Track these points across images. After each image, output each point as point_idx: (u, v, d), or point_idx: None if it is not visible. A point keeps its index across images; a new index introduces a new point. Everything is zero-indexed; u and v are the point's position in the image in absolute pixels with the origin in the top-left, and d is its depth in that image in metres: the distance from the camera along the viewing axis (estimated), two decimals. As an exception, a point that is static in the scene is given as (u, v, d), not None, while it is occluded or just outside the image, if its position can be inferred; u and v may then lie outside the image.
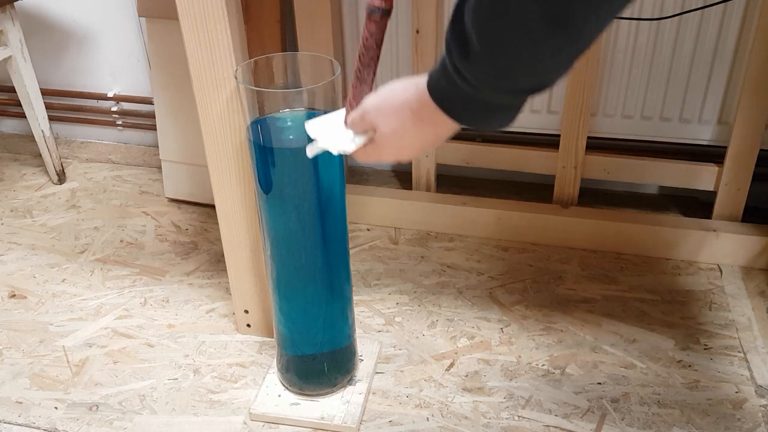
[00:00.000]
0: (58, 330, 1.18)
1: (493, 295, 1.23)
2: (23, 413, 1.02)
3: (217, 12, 0.85)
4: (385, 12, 0.65)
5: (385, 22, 0.66)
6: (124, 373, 1.09)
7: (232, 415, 1.01)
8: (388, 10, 0.65)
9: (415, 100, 0.60)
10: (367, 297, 1.23)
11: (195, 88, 0.92)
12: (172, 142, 1.47)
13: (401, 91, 0.62)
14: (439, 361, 1.09)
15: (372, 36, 0.66)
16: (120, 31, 1.63)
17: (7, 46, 1.46)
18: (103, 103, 1.73)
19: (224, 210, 1.02)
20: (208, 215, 1.48)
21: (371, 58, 0.67)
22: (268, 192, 0.87)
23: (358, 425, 0.98)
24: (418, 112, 0.61)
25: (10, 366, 1.11)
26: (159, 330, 1.17)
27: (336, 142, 0.71)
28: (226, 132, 0.94)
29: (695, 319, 1.16)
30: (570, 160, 1.35)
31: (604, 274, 1.27)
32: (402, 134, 0.64)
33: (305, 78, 0.89)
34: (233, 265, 1.08)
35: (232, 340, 1.15)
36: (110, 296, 1.25)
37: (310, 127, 0.75)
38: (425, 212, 1.40)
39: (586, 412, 1.00)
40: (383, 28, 0.66)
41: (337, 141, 0.71)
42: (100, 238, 1.42)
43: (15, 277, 1.31)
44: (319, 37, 1.32)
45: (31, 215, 1.50)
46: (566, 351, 1.10)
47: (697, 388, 1.03)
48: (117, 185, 1.61)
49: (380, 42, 0.67)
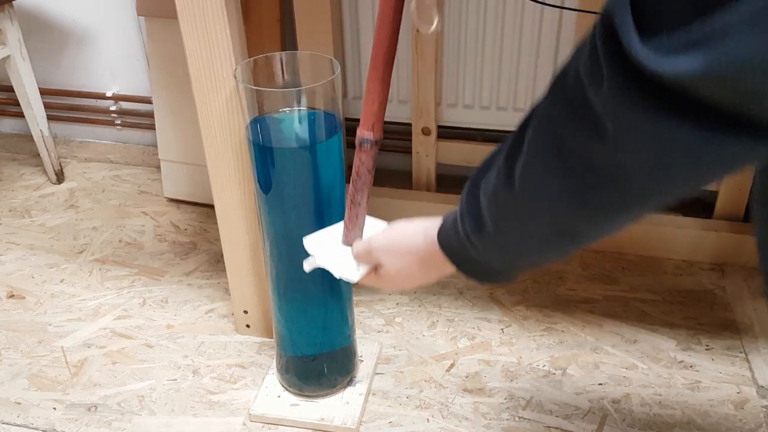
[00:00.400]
0: (56, 330, 1.17)
1: (493, 296, 1.22)
2: (22, 414, 1.02)
3: (217, 11, 0.85)
4: (374, 143, 0.69)
5: (375, 150, 0.69)
6: (123, 374, 1.08)
7: (232, 416, 1.00)
8: (378, 141, 0.69)
9: (423, 248, 0.64)
10: (367, 297, 1.23)
11: (194, 87, 0.92)
12: (171, 142, 1.47)
13: (410, 236, 0.66)
14: (439, 361, 1.09)
15: (364, 164, 0.70)
16: (119, 30, 1.62)
17: (6, 45, 1.45)
18: (102, 103, 1.73)
19: (223, 210, 1.02)
20: (207, 215, 1.47)
21: (364, 183, 0.71)
22: (268, 192, 0.87)
23: (358, 426, 0.97)
24: (426, 259, 0.65)
25: (8, 366, 1.10)
26: (158, 330, 1.17)
27: (339, 268, 0.73)
28: (226, 131, 0.94)
29: (696, 320, 1.16)
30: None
31: (605, 274, 1.27)
32: (407, 275, 0.68)
33: (305, 77, 0.89)
34: (232, 265, 1.07)
35: (232, 341, 1.14)
36: (109, 296, 1.25)
37: (309, 244, 0.77)
38: (425, 212, 1.39)
39: (587, 413, 0.99)
40: (374, 156, 0.70)
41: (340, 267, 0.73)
42: (99, 238, 1.42)
43: (14, 277, 1.31)
44: (318, 37, 1.31)
45: (29, 215, 1.50)
46: (567, 351, 1.10)
47: (698, 388, 1.03)
48: (116, 185, 1.61)
49: (372, 168, 0.71)
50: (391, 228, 0.68)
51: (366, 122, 0.68)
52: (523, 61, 1.33)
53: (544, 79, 1.34)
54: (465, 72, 1.37)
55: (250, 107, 0.84)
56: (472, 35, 1.33)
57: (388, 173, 1.60)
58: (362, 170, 0.70)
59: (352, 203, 0.73)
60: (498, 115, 1.40)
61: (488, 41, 1.33)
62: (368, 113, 0.67)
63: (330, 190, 0.87)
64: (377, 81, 0.66)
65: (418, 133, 1.41)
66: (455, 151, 1.44)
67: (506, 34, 1.32)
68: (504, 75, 1.35)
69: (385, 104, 0.67)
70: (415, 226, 0.66)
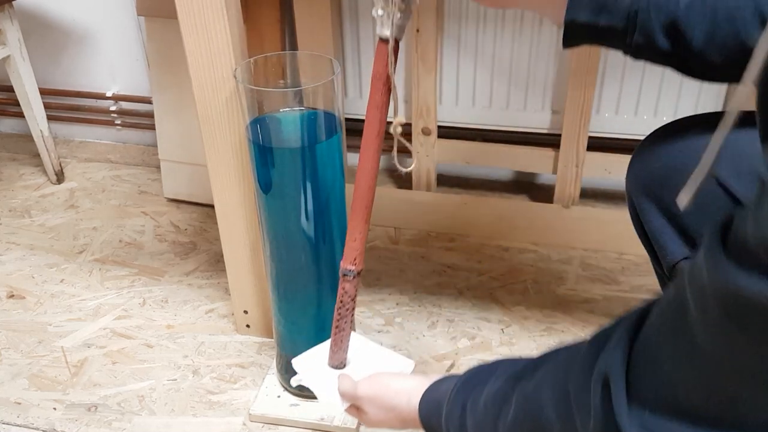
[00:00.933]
0: (56, 330, 1.17)
1: (493, 296, 1.22)
2: (22, 414, 1.02)
3: (217, 11, 0.85)
4: (357, 274, 0.73)
5: (358, 281, 0.73)
6: (123, 374, 1.08)
7: (232, 416, 1.00)
8: (360, 272, 0.73)
9: (405, 411, 0.67)
10: (367, 297, 1.22)
11: (194, 87, 0.92)
12: (171, 142, 1.47)
13: (394, 394, 0.68)
14: (439, 361, 1.09)
15: (347, 293, 0.74)
16: (119, 30, 1.62)
17: (6, 45, 1.45)
18: (101, 103, 1.73)
19: (223, 210, 1.02)
20: (207, 215, 1.47)
21: (348, 310, 0.75)
22: (268, 192, 0.87)
23: (358, 426, 0.97)
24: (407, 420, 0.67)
25: (8, 366, 1.10)
26: (158, 330, 1.17)
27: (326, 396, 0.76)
28: (226, 131, 0.94)
29: (696, 320, 1.16)
30: (571, 159, 1.35)
31: (605, 274, 1.27)
32: (388, 425, 0.71)
33: (305, 77, 0.89)
34: (232, 265, 1.07)
35: (232, 341, 1.14)
36: (109, 296, 1.25)
37: (297, 364, 0.79)
38: (425, 212, 1.40)
39: (587, 413, 0.99)
40: (357, 286, 0.74)
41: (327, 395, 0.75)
42: (99, 238, 1.42)
43: (13, 277, 1.30)
44: (318, 37, 1.31)
45: (29, 215, 1.50)
46: (567, 351, 1.10)
47: (698, 388, 1.03)
48: (116, 185, 1.61)
49: (355, 297, 0.74)
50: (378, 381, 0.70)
51: (349, 256, 0.72)
52: (523, 61, 1.33)
53: (543, 79, 1.34)
54: (465, 72, 1.37)
55: (250, 107, 0.84)
56: (472, 35, 1.33)
57: (389, 173, 1.60)
58: (346, 299, 0.74)
59: (336, 328, 0.76)
60: (498, 115, 1.40)
61: (488, 41, 1.33)
62: (351, 248, 0.72)
63: (330, 190, 0.87)
64: (359, 221, 0.71)
65: (418, 133, 1.40)
66: (455, 151, 1.44)
67: (506, 34, 1.32)
68: (504, 75, 1.35)
69: (366, 238, 0.72)
70: (400, 386, 0.68)
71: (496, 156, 1.43)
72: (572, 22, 0.61)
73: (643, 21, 0.59)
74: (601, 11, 0.60)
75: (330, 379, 0.76)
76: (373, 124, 0.68)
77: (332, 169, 0.86)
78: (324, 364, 0.79)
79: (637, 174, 0.69)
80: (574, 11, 0.61)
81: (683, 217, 0.63)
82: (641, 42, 0.60)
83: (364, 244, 0.73)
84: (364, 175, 0.69)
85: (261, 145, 0.84)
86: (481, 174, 1.56)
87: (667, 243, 0.64)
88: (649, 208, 0.65)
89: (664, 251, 0.64)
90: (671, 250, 0.64)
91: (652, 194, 0.66)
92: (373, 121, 0.68)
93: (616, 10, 0.60)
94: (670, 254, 0.64)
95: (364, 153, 0.69)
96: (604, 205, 1.46)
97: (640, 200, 0.67)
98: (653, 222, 0.65)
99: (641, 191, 0.68)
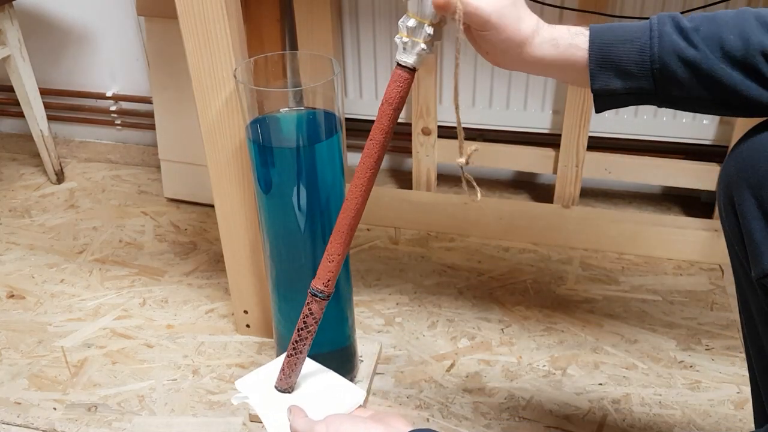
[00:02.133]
0: (56, 330, 1.17)
1: (493, 296, 1.22)
2: (22, 414, 1.02)
3: (217, 11, 0.85)
4: (327, 296, 0.72)
5: (325, 303, 0.73)
6: (123, 374, 1.08)
7: (231, 416, 1.00)
8: (329, 295, 0.73)
9: None
10: (367, 297, 1.22)
11: (194, 87, 0.92)
12: (171, 142, 1.47)
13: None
14: (439, 361, 1.09)
15: (313, 315, 0.73)
16: (119, 30, 1.62)
17: (6, 45, 1.45)
18: (101, 103, 1.73)
19: (223, 210, 1.02)
20: (207, 215, 1.47)
21: (309, 333, 0.75)
22: (268, 192, 0.87)
23: (358, 426, 0.97)
24: None
25: (8, 366, 1.10)
26: (158, 330, 1.17)
27: (271, 423, 0.73)
28: (226, 131, 0.94)
29: (696, 320, 1.16)
30: (571, 159, 1.35)
31: (605, 274, 1.27)
32: None
33: (305, 77, 0.89)
34: (232, 265, 1.07)
35: (232, 341, 1.14)
36: (109, 296, 1.25)
37: (242, 385, 0.77)
38: (425, 212, 1.40)
39: (587, 413, 0.99)
40: (323, 308, 0.73)
41: (272, 421, 0.73)
42: (99, 238, 1.42)
43: (13, 277, 1.31)
44: (318, 37, 1.31)
45: (29, 215, 1.50)
46: (567, 351, 1.10)
47: (698, 388, 1.03)
48: (116, 185, 1.61)
49: (319, 320, 0.74)
50: (337, 420, 0.65)
51: (322, 276, 0.72)
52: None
53: (543, 79, 1.34)
54: (465, 72, 1.37)
55: (250, 107, 0.84)
56: (472, 35, 1.33)
57: (388, 173, 1.60)
58: (310, 320, 0.74)
59: (294, 350, 0.75)
60: (498, 115, 1.40)
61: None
62: (325, 269, 0.71)
63: (330, 190, 0.87)
64: (340, 243, 0.70)
65: (418, 133, 1.41)
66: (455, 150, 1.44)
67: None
68: (504, 75, 1.35)
69: (342, 262, 0.72)
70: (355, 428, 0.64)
71: (496, 156, 1.43)
72: (600, 90, 0.61)
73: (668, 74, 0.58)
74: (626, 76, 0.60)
75: (277, 403, 0.74)
76: (373, 148, 0.67)
77: (332, 169, 0.86)
78: (271, 387, 0.76)
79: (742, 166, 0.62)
80: (599, 80, 0.61)
81: None
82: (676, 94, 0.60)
83: (339, 269, 0.72)
84: (356, 198, 0.68)
85: (261, 145, 0.84)
86: (482, 174, 1.56)
87: (764, 249, 0.58)
88: (751, 206, 0.61)
89: (759, 257, 0.58)
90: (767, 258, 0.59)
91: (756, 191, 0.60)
92: (375, 147, 0.67)
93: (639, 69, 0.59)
94: (766, 262, 0.59)
95: (360, 176, 0.68)
96: (604, 205, 1.46)
97: (742, 194, 0.60)
98: (752, 223, 0.59)
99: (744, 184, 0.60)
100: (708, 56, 0.57)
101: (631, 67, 0.59)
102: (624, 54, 0.59)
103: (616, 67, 0.60)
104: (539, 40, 0.62)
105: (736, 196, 0.60)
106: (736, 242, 0.63)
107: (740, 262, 0.65)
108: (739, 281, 0.69)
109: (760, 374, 0.69)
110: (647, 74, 0.59)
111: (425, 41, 0.62)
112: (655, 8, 1.23)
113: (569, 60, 0.62)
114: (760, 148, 0.59)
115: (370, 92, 1.45)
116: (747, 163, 0.60)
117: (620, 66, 0.60)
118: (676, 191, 1.47)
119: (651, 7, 1.23)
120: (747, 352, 0.71)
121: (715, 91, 0.58)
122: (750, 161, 0.59)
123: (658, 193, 1.49)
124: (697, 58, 0.57)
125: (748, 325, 0.69)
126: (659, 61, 0.58)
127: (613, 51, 0.60)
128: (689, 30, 0.58)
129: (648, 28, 0.59)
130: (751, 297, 0.65)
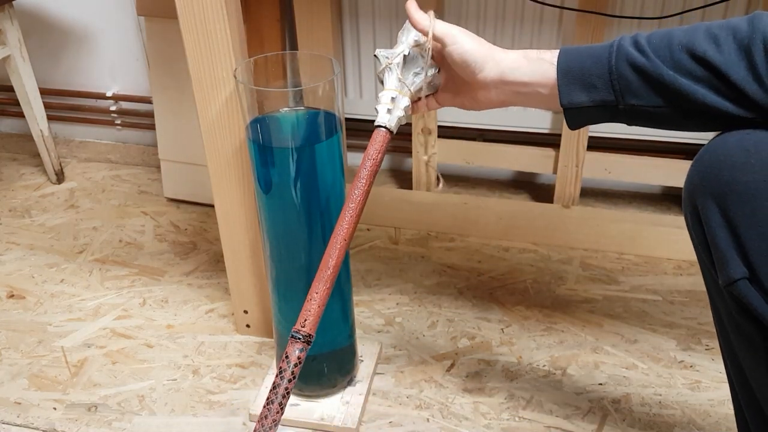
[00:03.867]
0: (56, 330, 1.17)
1: (493, 296, 1.22)
2: (22, 414, 1.02)
3: (217, 11, 0.85)
4: (307, 339, 0.71)
5: (305, 349, 0.72)
6: (123, 374, 1.08)
7: (232, 416, 1.00)
8: (310, 340, 0.72)
9: None
10: (367, 297, 1.22)
11: (194, 87, 0.92)
12: (171, 142, 1.47)
13: None
14: (439, 361, 1.09)
15: (288, 358, 0.71)
16: (119, 30, 1.62)
17: (6, 45, 1.45)
18: (101, 103, 1.73)
19: (223, 210, 1.02)
20: (207, 215, 1.47)
21: (290, 381, 0.72)
22: (268, 192, 0.87)
23: (358, 426, 0.97)
24: None
25: (8, 366, 1.10)
26: (158, 330, 1.17)
27: None
28: (226, 131, 0.94)
29: (697, 320, 1.16)
30: (571, 159, 1.35)
31: (606, 274, 1.27)
32: None
33: (305, 77, 0.89)
34: (232, 265, 1.07)
35: (232, 341, 1.14)
36: (109, 296, 1.25)
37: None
38: (425, 212, 1.40)
39: (587, 413, 0.99)
40: (303, 357, 0.72)
41: None
42: (99, 238, 1.42)
43: (13, 277, 1.31)
44: (318, 37, 1.31)
45: (29, 215, 1.50)
46: (567, 351, 1.10)
47: (698, 388, 1.03)
48: (116, 185, 1.61)
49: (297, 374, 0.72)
50: None
51: (301, 316, 0.71)
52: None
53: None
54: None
55: (250, 107, 0.84)
56: (472, 35, 1.33)
57: (388, 173, 1.60)
58: (284, 365, 0.71)
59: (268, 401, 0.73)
60: (498, 115, 1.40)
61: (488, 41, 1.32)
62: (305, 308, 0.71)
63: (330, 190, 0.87)
64: (323, 282, 0.71)
65: (418, 133, 1.41)
66: (455, 150, 1.44)
67: (506, 34, 1.32)
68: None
69: (324, 304, 0.72)
70: None
71: (496, 156, 1.43)
72: (569, 104, 0.66)
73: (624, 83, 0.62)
74: (590, 88, 0.64)
75: None
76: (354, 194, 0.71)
77: (332, 169, 0.86)
78: None
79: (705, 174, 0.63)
80: (566, 94, 0.65)
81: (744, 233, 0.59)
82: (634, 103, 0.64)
83: (322, 311, 0.71)
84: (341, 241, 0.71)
85: (261, 145, 0.84)
86: (482, 174, 1.56)
87: (729, 256, 0.59)
88: (714, 214, 0.61)
89: (725, 265, 0.60)
90: (733, 266, 0.60)
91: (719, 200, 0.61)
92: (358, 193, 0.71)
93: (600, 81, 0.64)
94: (732, 269, 0.60)
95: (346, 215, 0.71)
96: (604, 205, 1.46)
97: (706, 203, 0.62)
98: (717, 231, 0.61)
99: (707, 193, 0.62)
100: (655, 62, 0.61)
101: (593, 79, 0.64)
102: (586, 68, 0.64)
103: (581, 81, 0.64)
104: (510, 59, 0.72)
105: (700, 205, 0.62)
106: (703, 250, 0.65)
107: (708, 269, 0.67)
108: (709, 288, 0.71)
109: (735, 377, 0.70)
110: (607, 85, 0.63)
111: (411, 98, 0.71)
112: (655, 8, 1.23)
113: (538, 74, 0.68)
114: (722, 157, 0.61)
115: (370, 92, 1.45)
116: (709, 172, 0.61)
117: (584, 79, 0.64)
118: (676, 191, 1.47)
119: (651, 7, 1.23)
120: (724, 358, 0.72)
121: (668, 97, 0.62)
122: (712, 170, 0.61)
123: (658, 193, 1.49)
124: (646, 64, 0.61)
125: (722, 332, 0.71)
126: (616, 72, 0.62)
127: (577, 66, 0.65)
128: (643, 42, 0.62)
129: (609, 45, 0.63)
130: (720, 304, 0.67)
